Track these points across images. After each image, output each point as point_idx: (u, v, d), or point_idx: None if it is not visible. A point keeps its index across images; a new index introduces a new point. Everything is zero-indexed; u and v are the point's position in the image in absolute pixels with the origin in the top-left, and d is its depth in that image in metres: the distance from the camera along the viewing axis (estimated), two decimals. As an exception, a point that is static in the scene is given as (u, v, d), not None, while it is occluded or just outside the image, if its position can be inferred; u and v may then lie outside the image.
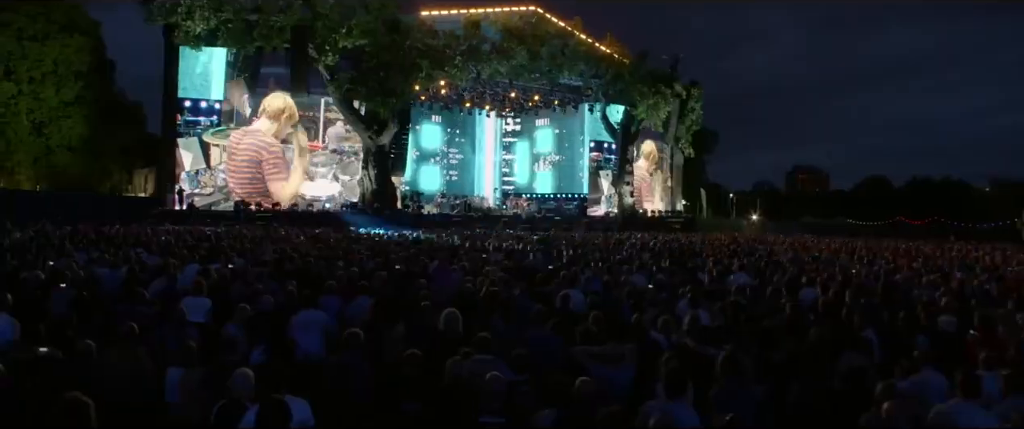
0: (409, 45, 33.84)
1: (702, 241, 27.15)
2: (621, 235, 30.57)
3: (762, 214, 68.22)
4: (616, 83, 41.77)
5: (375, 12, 32.63)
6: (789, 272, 14.26)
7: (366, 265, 13.28)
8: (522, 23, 36.83)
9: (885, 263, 17.34)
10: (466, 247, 18.97)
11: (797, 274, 14.44)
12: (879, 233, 49.44)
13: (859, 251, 22.74)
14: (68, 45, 38.67)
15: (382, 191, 35.37)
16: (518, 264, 14.19)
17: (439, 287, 11.97)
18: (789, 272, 14.26)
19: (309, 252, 15.42)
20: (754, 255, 19.31)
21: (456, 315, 7.45)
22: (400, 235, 24.54)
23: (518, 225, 36.22)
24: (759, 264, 15.69)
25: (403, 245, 18.95)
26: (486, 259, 15.67)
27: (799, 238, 33.70)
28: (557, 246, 20.46)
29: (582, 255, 17.20)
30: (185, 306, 8.97)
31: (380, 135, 34.80)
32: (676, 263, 15.75)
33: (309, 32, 31.39)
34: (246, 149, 33.80)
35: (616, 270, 13.66)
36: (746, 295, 10.97)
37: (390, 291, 10.43)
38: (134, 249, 15.59)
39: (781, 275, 13.41)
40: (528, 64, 36.59)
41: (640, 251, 20.00)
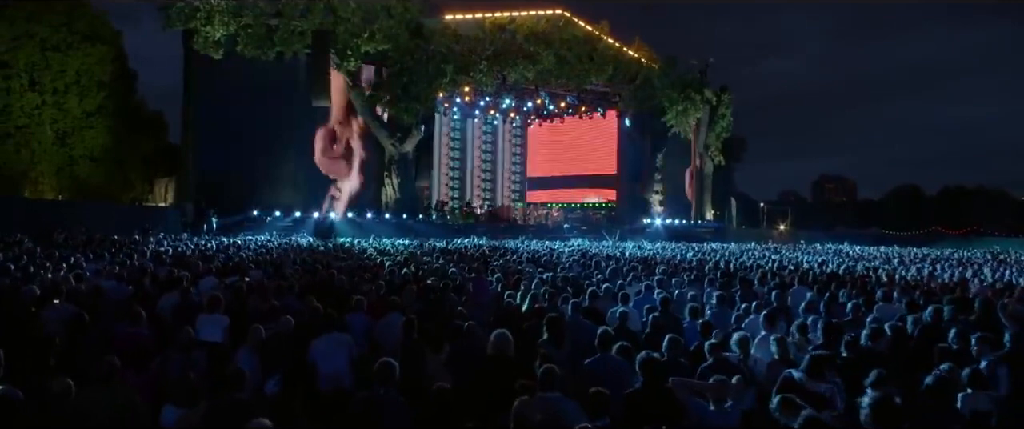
0: (433, 50, 32.94)
1: (742, 251, 25.86)
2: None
3: (789, 224, 66.62)
4: (645, 88, 40.57)
5: (398, 16, 31.78)
6: (857, 284, 13.02)
7: (395, 278, 12.24)
8: (549, 27, 35.79)
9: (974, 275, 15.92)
10: (498, 256, 17.88)
11: (865, 286, 13.23)
12: (916, 243, 47.69)
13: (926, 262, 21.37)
14: (90, 55, 38.23)
15: (406, 199, 34.43)
16: (562, 277, 13.03)
17: (475, 302, 10.89)
18: (857, 284, 13.02)
19: (333, 264, 14.41)
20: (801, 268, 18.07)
21: (508, 338, 6.33)
22: (424, 245, 23.54)
23: (547, 235, 35.10)
24: (821, 278, 14.41)
25: (431, 255, 17.90)
26: (521, 270, 14.57)
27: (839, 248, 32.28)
28: (595, 257, 19.32)
29: (623, 267, 16.02)
30: (200, 324, 8.00)
31: (404, 142, 33.88)
32: (727, 275, 14.53)
33: (330, 37, 30.57)
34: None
35: (666, 283, 12.49)
36: (818, 311, 9.78)
37: (422, 306, 9.37)
38: (147, 260, 14.76)
39: (850, 288, 12.18)
40: (555, 69, 35.52)
41: (680, 262, 18.81)
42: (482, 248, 22.24)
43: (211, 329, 7.58)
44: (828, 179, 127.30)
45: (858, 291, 12.16)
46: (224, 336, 7.62)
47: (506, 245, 25.52)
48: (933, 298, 10.57)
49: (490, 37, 34.49)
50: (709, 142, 45.56)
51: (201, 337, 7.79)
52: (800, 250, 29.56)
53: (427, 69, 32.81)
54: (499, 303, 9.75)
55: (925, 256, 27.25)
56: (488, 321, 9.33)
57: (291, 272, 13.11)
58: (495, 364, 6.28)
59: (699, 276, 13.65)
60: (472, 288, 11.15)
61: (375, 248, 21.01)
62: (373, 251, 19.62)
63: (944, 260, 23.57)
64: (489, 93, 37.41)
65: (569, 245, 27.15)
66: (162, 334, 7.82)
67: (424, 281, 12.09)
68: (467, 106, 40.87)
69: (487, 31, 34.71)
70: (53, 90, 37.44)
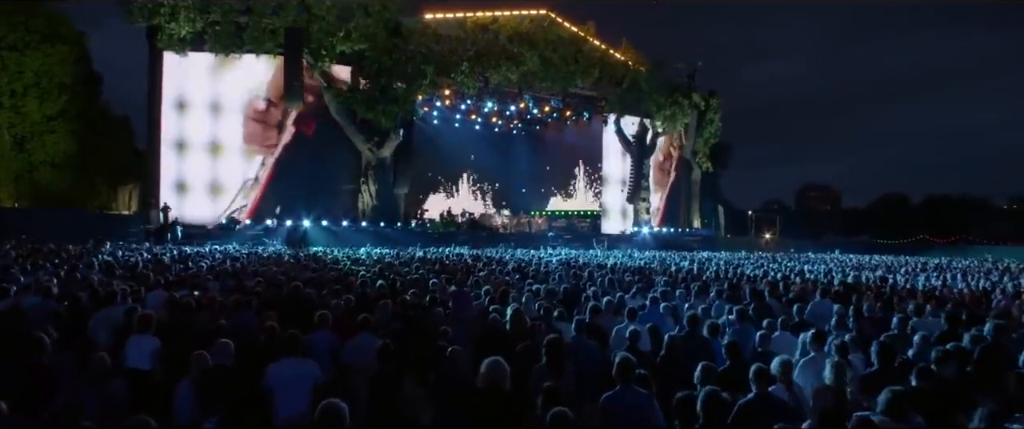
0: (412, 50, 31.80)
1: (738, 261, 24.93)
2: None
3: (775, 233, 66.06)
4: (632, 92, 39.70)
5: (376, 15, 30.58)
6: (880, 296, 12.03)
7: (368, 291, 11.04)
8: (533, 27, 34.81)
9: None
10: (481, 267, 16.69)
11: (881, 296, 12.27)
12: (907, 252, 47.17)
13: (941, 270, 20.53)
14: (50, 56, 36.63)
15: (383, 207, 33.15)
16: (553, 290, 11.88)
17: (458, 319, 9.73)
18: (880, 296, 12.03)
19: (299, 276, 13.16)
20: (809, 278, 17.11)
21: (503, 368, 5.18)
22: (402, 254, 22.31)
23: (531, 243, 33.97)
24: (837, 289, 13.41)
25: (409, 265, 16.68)
26: (508, 281, 13.42)
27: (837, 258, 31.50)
28: (585, 266, 18.23)
29: (618, 277, 14.92)
30: (129, 348, 6.78)
31: (382, 147, 32.64)
32: (733, 286, 13.48)
33: (304, 36, 29.30)
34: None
35: (670, 295, 11.41)
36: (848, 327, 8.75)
37: (399, 325, 8.19)
38: (95, 272, 13.44)
39: (874, 301, 11.17)
40: (540, 70, 34.51)
41: (676, 271, 17.77)
42: (464, 258, 21.06)
43: (139, 354, 6.36)
44: (812, 188, 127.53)
45: (883, 304, 11.17)
46: (154, 362, 6.40)
47: (489, 254, 24.38)
48: (970, 312, 9.58)
49: (472, 37, 33.45)
50: (697, 148, 44.80)
51: (128, 363, 6.57)
52: (796, 259, 28.69)
53: (406, 70, 31.69)
54: (484, 320, 8.60)
55: (925, 265, 26.51)
56: (473, 342, 8.19)
57: (252, 285, 11.87)
58: (487, 398, 5.13)
59: (704, 288, 12.58)
60: (453, 303, 9.97)
61: (348, 258, 19.76)
62: (346, 261, 18.38)
63: (947, 269, 22.78)
64: (470, 96, 36.28)
65: (555, 254, 26.06)
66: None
67: (402, 295, 10.91)
68: (448, 109, 39.72)
69: (469, 31, 33.67)
70: (10, 92, 35.81)
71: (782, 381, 5.61)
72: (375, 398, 5.96)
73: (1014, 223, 77.55)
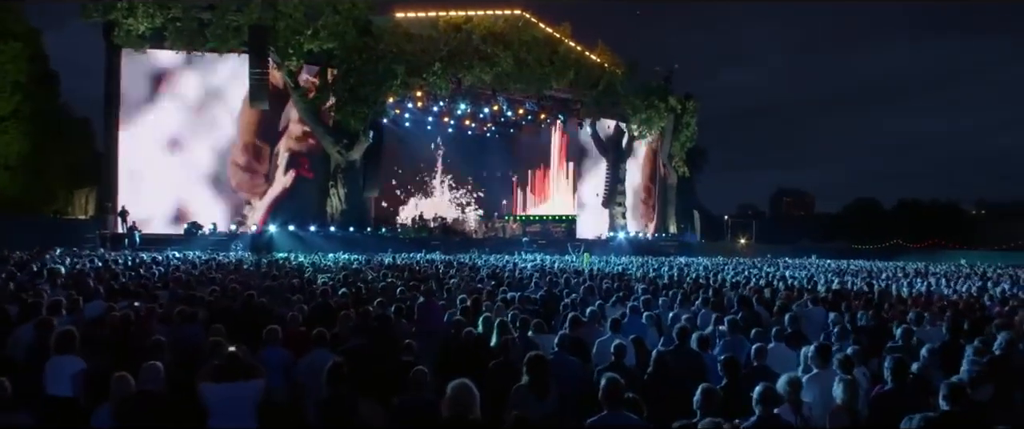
0: (383, 49, 30.99)
1: (716, 266, 24.49)
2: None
3: (750, 238, 66.10)
4: (608, 95, 39.26)
5: (345, 13, 29.74)
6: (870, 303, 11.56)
7: (330, 300, 10.30)
8: (507, 27, 34.17)
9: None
10: (453, 274, 15.98)
11: (870, 302, 11.81)
12: (882, 257, 47.27)
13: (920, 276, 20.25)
14: (2, 53, 35.28)
15: (352, 211, 32.28)
16: (529, 298, 11.22)
17: (425, 331, 9.04)
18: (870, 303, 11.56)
19: (256, 284, 12.37)
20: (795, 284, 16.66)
21: (471, 392, 4.50)
22: (370, 260, 21.53)
23: (504, 248, 33.33)
24: (825, 296, 12.93)
25: (377, 272, 15.91)
26: (481, 288, 12.74)
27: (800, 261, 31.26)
28: (561, 273, 17.61)
29: (597, 284, 14.30)
30: (49, 370, 5.99)
31: (351, 149, 31.77)
32: (717, 293, 12.94)
33: (270, 33, 28.38)
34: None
35: (651, 304, 10.82)
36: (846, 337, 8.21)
37: (362, 341, 7.48)
38: (38, 281, 12.53)
39: (866, 308, 10.68)
40: (514, 71, 33.89)
41: (654, 277, 17.23)
42: (435, 264, 20.34)
43: (59, 378, 5.59)
44: (786, 193, 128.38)
45: (874, 311, 10.68)
46: (77, 387, 5.63)
47: (462, 260, 23.69)
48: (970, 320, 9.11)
49: (444, 37, 32.71)
50: (673, 152, 44.50)
51: (48, 389, 5.79)
52: (776, 264, 28.38)
53: (376, 70, 30.87)
54: (456, 332, 7.93)
55: (904, 270, 26.32)
56: (439, 357, 7.52)
57: (205, 294, 11.06)
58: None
59: (687, 295, 12.00)
60: (418, 314, 9.27)
61: (313, 264, 18.95)
62: (310, 268, 17.57)
63: (929, 274, 22.54)
64: (442, 97, 35.55)
65: (530, 260, 25.43)
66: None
67: (367, 305, 10.19)
68: (420, 111, 38.94)
69: (441, 31, 32.93)
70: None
71: (790, 401, 5.03)
72: (326, 425, 5.27)
73: (983, 228, 78.57)
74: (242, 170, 31.91)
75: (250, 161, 32.01)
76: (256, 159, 32.13)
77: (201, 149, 31.15)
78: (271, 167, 32.47)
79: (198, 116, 31.01)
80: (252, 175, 32.18)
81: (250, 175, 32.13)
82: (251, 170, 32.10)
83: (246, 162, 31.92)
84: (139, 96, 30.12)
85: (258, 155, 32.21)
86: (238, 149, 31.79)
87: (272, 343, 7.09)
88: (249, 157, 31.98)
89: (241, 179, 31.95)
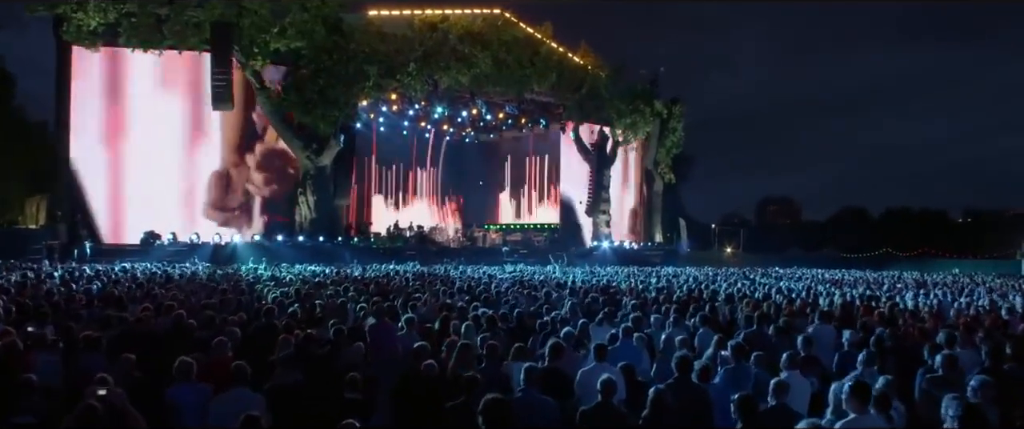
0: (354, 49, 29.78)
1: (706, 277, 23.49)
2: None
3: (736, 247, 65.39)
4: (591, 99, 38.26)
5: (314, 10, 28.46)
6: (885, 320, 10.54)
7: (273, 321, 9.10)
8: (486, 27, 33.06)
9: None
10: (425, 287, 14.77)
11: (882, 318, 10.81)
12: (872, 266, 46.58)
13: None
14: (-49, 52, 33.80)
15: (323, 220, 30.98)
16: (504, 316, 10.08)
17: (380, 359, 7.89)
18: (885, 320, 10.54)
19: (195, 301, 11.14)
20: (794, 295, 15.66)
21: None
22: (336, 272, 20.29)
23: (484, 259, 32.18)
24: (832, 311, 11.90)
25: (339, 286, 14.67)
26: (451, 305, 11.59)
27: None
28: (542, 285, 16.49)
29: (581, 300, 13.19)
30: None
31: (321, 154, 30.49)
32: (713, 309, 11.87)
33: (233, 31, 27.06)
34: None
35: (642, 323, 9.74)
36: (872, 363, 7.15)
37: (293, 375, 6.31)
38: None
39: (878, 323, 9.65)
40: (493, 73, 32.78)
41: (642, 291, 16.17)
42: (405, 276, 19.14)
43: None
44: (772, 201, 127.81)
45: (891, 329, 9.67)
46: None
47: (436, 272, 22.52)
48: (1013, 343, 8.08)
49: (419, 36, 31.52)
50: (659, 158, 43.57)
51: None
52: (768, 274, 27.46)
53: (347, 71, 29.65)
54: (415, 361, 6.77)
55: (902, 279, 25.50)
56: (395, 392, 6.37)
57: (135, 314, 9.82)
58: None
59: (681, 312, 10.91)
60: (371, 338, 8.11)
61: (273, 277, 17.68)
62: (271, 281, 16.33)
63: (932, 286, 21.67)
64: (418, 100, 34.35)
65: (510, 271, 24.30)
66: None
67: (318, 326, 9.01)
68: (395, 115, 37.76)
69: (417, 30, 31.75)
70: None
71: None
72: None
73: (970, 236, 78.51)
74: (215, 210, 31.14)
75: (221, 196, 31.19)
76: (227, 190, 31.24)
77: (163, 154, 29.72)
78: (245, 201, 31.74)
79: (159, 117, 29.58)
80: (226, 215, 31.28)
81: (225, 215, 31.23)
82: (225, 209, 31.26)
83: (217, 198, 31.13)
84: (96, 95, 28.66)
85: (230, 186, 31.27)
86: (213, 180, 30.98)
87: (183, 379, 5.90)
88: (221, 192, 31.15)
89: (217, 218, 31.05)
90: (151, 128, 29.37)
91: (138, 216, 28.48)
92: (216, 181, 31.02)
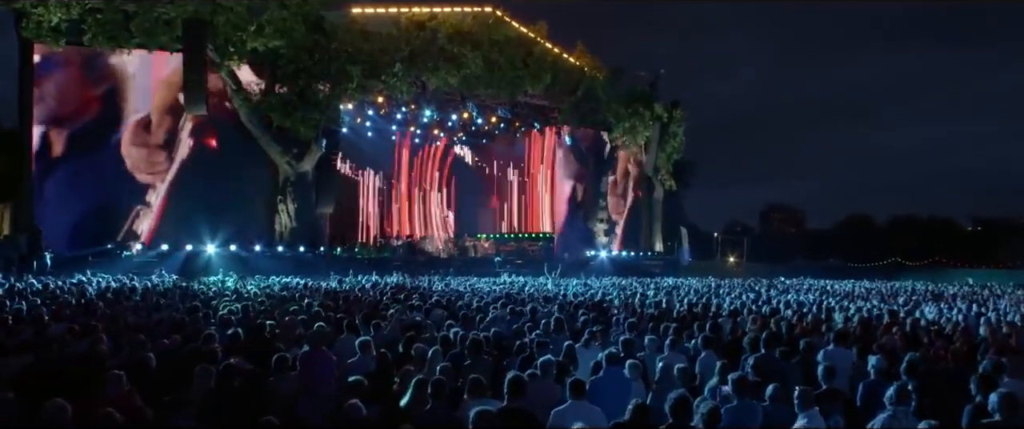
0: (336, 48, 28.71)
1: (707, 289, 22.39)
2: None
3: (739, 257, 64.32)
4: (588, 101, 37.23)
5: (293, 7, 27.41)
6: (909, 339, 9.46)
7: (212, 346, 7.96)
8: (476, 25, 32.02)
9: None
10: (395, 301, 13.61)
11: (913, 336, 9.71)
12: (881, 276, 45.50)
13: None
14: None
15: (304, 229, 29.85)
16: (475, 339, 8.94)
17: (313, 393, 6.76)
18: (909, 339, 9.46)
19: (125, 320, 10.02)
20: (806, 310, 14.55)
21: None
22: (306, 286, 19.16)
23: (475, 270, 31.10)
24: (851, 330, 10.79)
25: (301, 302, 13.52)
26: (419, 323, 10.47)
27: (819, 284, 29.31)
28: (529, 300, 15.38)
29: (569, 315, 12.07)
30: None
31: (301, 160, 29.40)
32: (715, 327, 10.76)
33: (207, 29, 26.00)
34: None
35: (636, 345, 8.63)
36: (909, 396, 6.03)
37: (190, 421, 5.19)
38: None
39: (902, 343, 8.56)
40: (484, 74, 31.74)
41: (640, 307, 15.04)
42: (378, 289, 18.02)
43: None
44: (776, 208, 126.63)
45: (920, 351, 8.57)
46: None
47: (420, 284, 21.41)
48: None
49: (406, 35, 30.48)
50: (659, 164, 42.50)
51: None
52: (774, 285, 26.35)
53: (329, 71, 28.63)
54: (346, 397, 5.64)
55: (916, 291, 24.41)
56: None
57: (56, 335, 8.72)
58: None
59: (680, 331, 9.77)
60: (302, 369, 6.98)
61: (236, 291, 16.55)
62: (231, 295, 15.20)
63: (951, 299, 20.59)
64: (404, 102, 33.28)
65: (499, 282, 23.19)
66: None
67: (255, 351, 7.89)
68: (383, 119, 36.69)
69: (403, 28, 30.69)
70: None
71: None
72: None
73: (982, 244, 77.46)
74: (136, 147, 28.38)
75: (142, 135, 28.46)
76: (148, 131, 28.63)
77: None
78: (172, 140, 28.91)
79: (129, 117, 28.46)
80: (148, 151, 28.56)
81: (146, 151, 28.51)
82: (145, 145, 28.53)
83: (138, 137, 28.40)
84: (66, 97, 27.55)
85: (153, 127, 28.75)
86: (132, 128, 28.46)
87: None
88: (140, 131, 28.48)
89: (136, 158, 28.40)
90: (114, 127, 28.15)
91: (109, 224, 27.36)
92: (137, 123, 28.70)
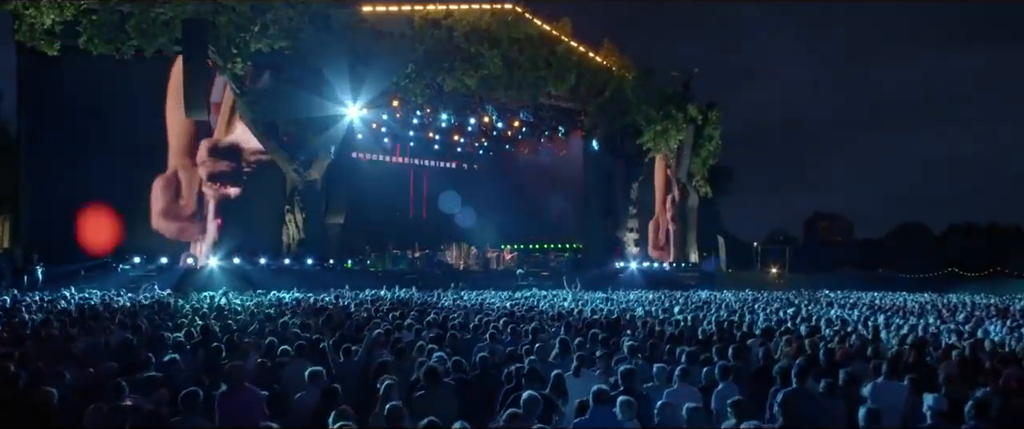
0: (346, 49, 28.00)
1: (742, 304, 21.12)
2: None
3: (780, 267, 62.64)
4: (616, 103, 36.06)
5: (299, 6, 26.78)
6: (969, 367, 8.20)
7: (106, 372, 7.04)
8: (495, 23, 31.09)
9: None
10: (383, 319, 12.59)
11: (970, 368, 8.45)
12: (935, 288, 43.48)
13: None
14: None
15: (313, 240, 29.10)
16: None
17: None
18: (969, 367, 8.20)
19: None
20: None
21: None
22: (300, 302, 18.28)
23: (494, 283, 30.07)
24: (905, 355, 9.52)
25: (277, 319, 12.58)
26: (402, 349, 9.43)
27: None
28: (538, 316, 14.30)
29: (572, 338, 10.95)
30: None
31: (309, 168, 28.70)
32: (742, 349, 9.57)
33: (209, 30, 25.41)
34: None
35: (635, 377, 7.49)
36: None
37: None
38: None
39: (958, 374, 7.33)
40: (503, 75, 30.77)
41: (660, 329, 13.88)
42: (382, 304, 17.05)
43: None
44: (822, 217, 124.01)
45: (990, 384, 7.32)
46: None
47: (428, 298, 20.46)
48: None
49: (420, 35, 29.69)
50: (693, 169, 41.18)
51: None
52: (816, 299, 24.93)
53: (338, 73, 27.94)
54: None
55: (976, 306, 22.79)
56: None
57: None
58: None
59: (696, 357, 8.61)
60: (220, 410, 5.97)
61: (223, 308, 15.73)
62: (210, 312, 14.37)
63: (1019, 314, 19.02)
64: (419, 105, 32.40)
65: (513, 298, 22.09)
66: None
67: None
68: (400, 124, 35.89)
69: (417, 28, 29.90)
70: None
71: None
72: None
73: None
74: (165, 219, 28.48)
75: (173, 206, 28.56)
76: (178, 196, 28.69)
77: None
78: (197, 206, 29.09)
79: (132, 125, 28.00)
80: (180, 224, 28.76)
81: (178, 224, 28.71)
82: (178, 219, 28.69)
83: (170, 208, 28.47)
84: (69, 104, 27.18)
85: (179, 191, 28.77)
86: (159, 186, 28.33)
87: None
88: (169, 198, 28.52)
89: (169, 229, 28.56)
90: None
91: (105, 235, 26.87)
92: (163, 186, 28.67)
